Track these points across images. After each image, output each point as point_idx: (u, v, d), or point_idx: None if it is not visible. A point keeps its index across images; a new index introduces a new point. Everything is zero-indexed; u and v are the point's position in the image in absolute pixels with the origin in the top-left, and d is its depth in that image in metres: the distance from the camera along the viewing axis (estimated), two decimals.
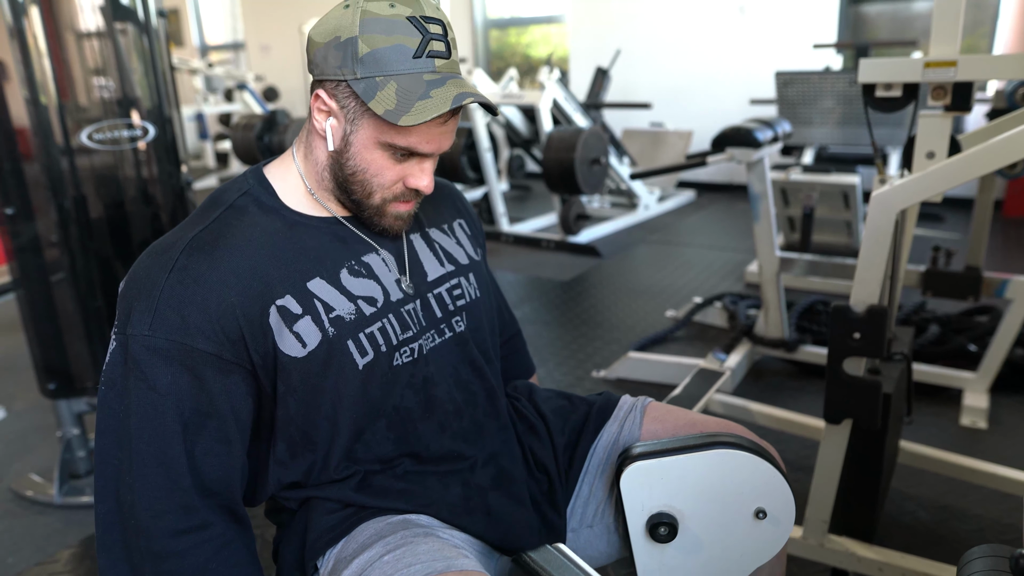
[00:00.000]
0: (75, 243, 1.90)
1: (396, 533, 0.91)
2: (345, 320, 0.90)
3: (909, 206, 1.32)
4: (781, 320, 2.61)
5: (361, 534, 0.93)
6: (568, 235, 4.55)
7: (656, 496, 0.95)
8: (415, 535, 0.90)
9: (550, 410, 1.14)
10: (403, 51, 0.84)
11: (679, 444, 0.98)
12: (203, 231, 0.88)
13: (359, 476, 0.95)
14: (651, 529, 0.96)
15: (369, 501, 0.95)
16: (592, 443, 1.12)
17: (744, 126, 2.35)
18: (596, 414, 1.14)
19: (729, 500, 0.95)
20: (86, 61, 1.84)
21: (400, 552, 0.87)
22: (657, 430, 1.09)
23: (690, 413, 1.11)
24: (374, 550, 0.88)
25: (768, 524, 0.95)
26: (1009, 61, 1.37)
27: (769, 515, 0.95)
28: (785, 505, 0.95)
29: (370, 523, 0.94)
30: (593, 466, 1.10)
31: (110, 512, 0.84)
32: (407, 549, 0.87)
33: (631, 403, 1.15)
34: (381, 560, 0.86)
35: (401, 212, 0.94)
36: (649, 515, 0.96)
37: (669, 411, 1.13)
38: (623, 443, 1.09)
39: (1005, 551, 0.76)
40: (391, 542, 0.89)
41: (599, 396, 1.18)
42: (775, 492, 0.95)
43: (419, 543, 0.88)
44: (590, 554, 1.09)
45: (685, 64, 6.21)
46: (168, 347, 0.82)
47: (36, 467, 2.22)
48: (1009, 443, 2.15)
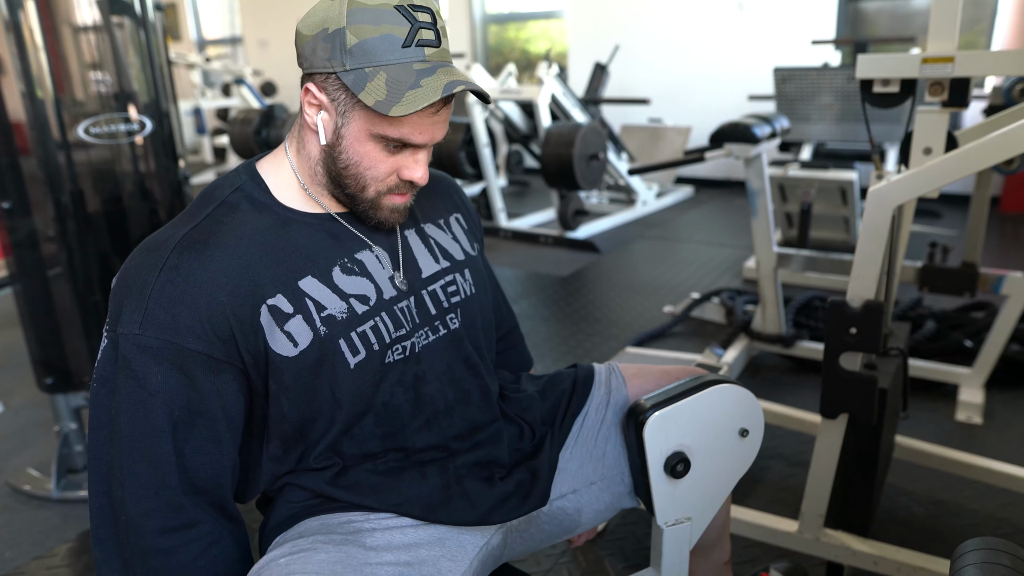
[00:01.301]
0: (72, 238, 1.90)
1: (315, 535, 0.90)
2: (337, 319, 0.89)
3: (906, 202, 1.33)
4: (778, 316, 2.61)
5: (298, 528, 0.93)
6: (566, 231, 4.56)
7: (672, 438, 1.06)
8: (328, 541, 0.89)
9: (537, 387, 1.17)
10: (392, 40, 0.83)
11: (680, 390, 1.08)
12: (194, 229, 0.87)
13: (337, 468, 0.95)
14: (670, 468, 1.06)
15: (339, 495, 0.94)
16: (582, 408, 1.15)
17: (742, 122, 2.35)
18: (582, 382, 1.18)
19: (723, 427, 1.10)
20: (83, 55, 1.84)
21: (297, 556, 0.85)
22: (642, 384, 1.17)
23: (658, 366, 1.22)
24: (282, 548, 0.88)
25: (748, 440, 1.12)
26: (1006, 57, 1.38)
27: (750, 432, 1.11)
28: (758, 419, 1.12)
29: (315, 519, 0.94)
30: (587, 428, 1.14)
31: (102, 507, 0.84)
32: (306, 555, 0.85)
33: (607, 368, 1.21)
34: (277, 562, 0.85)
35: (396, 204, 0.93)
36: (666, 456, 1.06)
37: (641, 368, 1.21)
38: (615, 403, 1.15)
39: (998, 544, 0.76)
40: (299, 545, 0.88)
41: (574, 368, 1.22)
42: (752, 411, 1.11)
43: (321, 551, 0.86)
44: (597, 508, 1.13)
45: (684, 60, 6.21)
46: (158, 346, 0.82)
47: (34, 462, 2.22)
48: (1004, 438, 2.16)
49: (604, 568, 1.68)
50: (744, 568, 1.66)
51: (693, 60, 6.16)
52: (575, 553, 1.72)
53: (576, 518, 1.12)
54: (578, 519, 1.12)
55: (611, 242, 4.58)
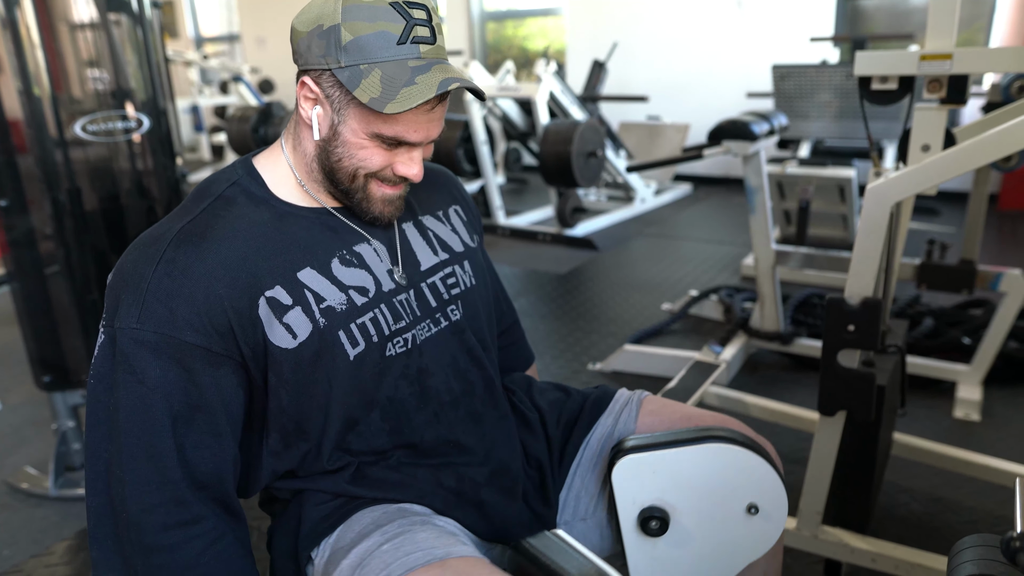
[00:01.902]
0: (70, 236, 1.90)
1: (394, 521, 0.91)
2: (336, 310, 0.89)
3: (904, 199, 1.33)
4: (777, 313, 2.61)
5: (357, 523, 0.92)
6: (565, 228, 4.55)
7: (648, 489, 0.95)
8: (412, 523, 0.90)
9: (546, 403, 1.14)
10: (386, 37, 0.83)
11: (672, 437, 0.97)
12: (191, 222, 0.87)
13: (353, 467, 0.95)
14: (642, 523, 0.95)
15: (364, 492, 0.94)
16: (585, 436, 1.12)
17: (741, 119, 2.35)
18: (591, 407, 1.14)
19: (721, 495, 0.95)
20: (80, 53, 1.83)
21: (399, 540, 0.87)
22: (652, 423, 1.09)
23: (686, 407, 1.11)
24: (372, 539, 0.88)
25: (760, 520, 0.94)
26: (1004, 54, 1.38)
27: (761, 510, 0.94)
28: (777, 501, 0.94)
29: (366, 511, 0.94)
30: (587, 459, 1.10)
31: (101, 505, 0.84)
32: (406, 537, 0.87)
33: (627, 396, 1.15)
34: (380, 549, 0.86)
35: (388, 195, 0.93)
36: (641, 508, 0.96)
37: (665, 404, 1.12)
38: (618, 436, 1.09)
39: (996, 541, 0.76)
40: (389, 531, 0.89)
41: (596, 389, 1.18)
42: (767, 487, 0.94)
43: (417, 531, 0.88)
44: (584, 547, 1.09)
45: (682, 57, 6.20)
46: (156, 340, 0.81)
47: (31, 460, 2.22)
48: (1002, 435, 2.16)
49: None
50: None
51: (691, 57, 6.16)
52: None
53: None
54: None
55: (609, 240, 4.58)
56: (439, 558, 0.83)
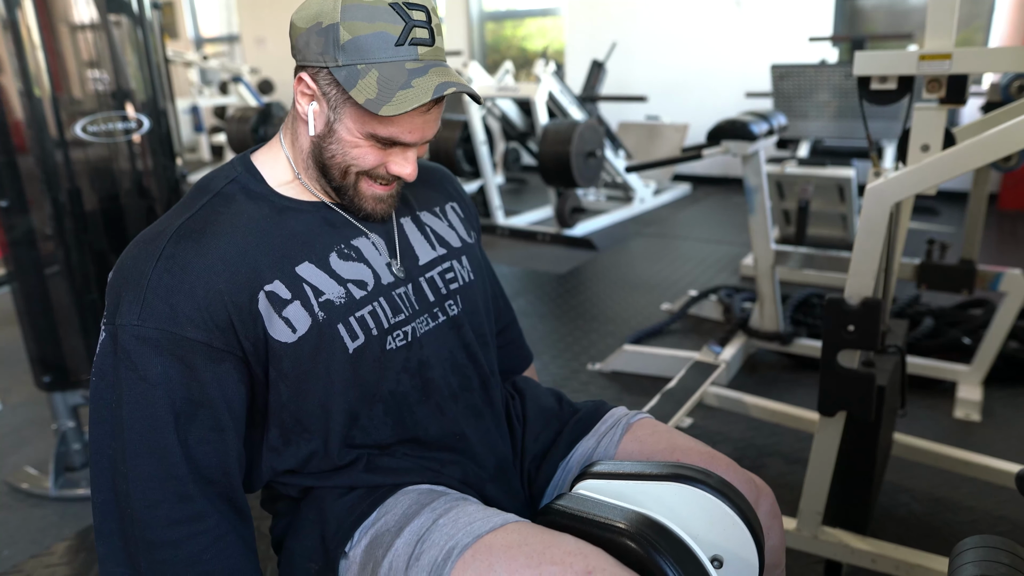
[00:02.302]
0: (70, 236, 1.90)
1: (437, 499, 0.92)
2: (335, 304, 0.90)
3: (904, 199, 1.33)
4: (776, 313, 2.62)
5: (397, 504, 0.92)
6: (564, 228, 4.56)
7: None
8: (455, 500, 0.92)
9: (535, 413, 1.13)
10: (385, 38, 0.83)
11: (639, 470, 0.91)
12: (190, 219, 0.87)
13: (364, 460, 0.95)
14: None
15: (382, 479, 0.95)
16: (566, 455, 1.09)
17: (740, 119, 2.35)
18: (574, 426, 1.11)
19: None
20: (80, 53, 1.83)
21: (454, 514, 0.88)
22: (633, 450, 1.04)
23: (677, 437, 1.05)
24: (423, 516, 0.89)
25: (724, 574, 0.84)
26: (1004, 54, 1.38)
27: (726, 564, 0.84)
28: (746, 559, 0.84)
29: (400, 494, 0.94)
30: (565, 480, 1.08)
31: (106, 502, 0.84)
32: (459, 510, 0.88)
33: (617, 418, 1.11)
34: (436, 524, 0.87)
35: (379, 193, 0.93)
36: None
37: (655, 432, 1.07)
38: (596, 459, 1.06)
39: (997, 542, 0.76)
40: (438, 507, 0.90)
41: (590, 404, 1.15)
42: (736, 542, 0.84)
43: (465, 505, 0.90)
44: None
45: (681, 57, 6.20)
46: (158, 336, 0.82)
47: (31, 460, 2.22)
48: (1002, 436, 2.17)
49: None
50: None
51: (690, 57, 6.16)
52: None
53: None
54: None
55: (609, 239, 4.58)
56: (499, 524, 0.85)
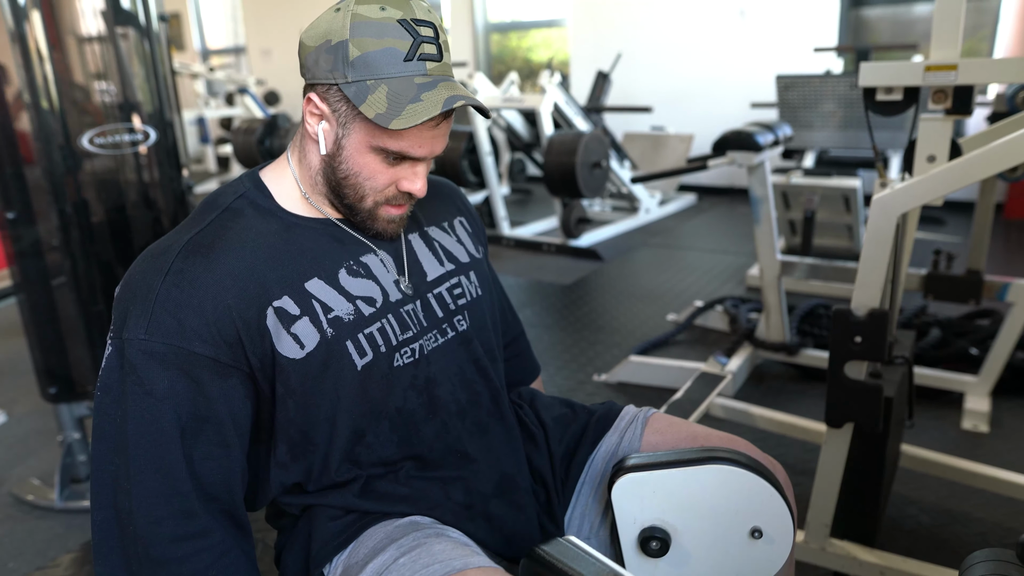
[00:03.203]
0: (76, 247, 1.90)
1: (408, 535, 0.90)
2: (344, 321, 0.90)
3: (910, 210, 1.32)
4: (782, 324, 2.61)
5: (370, 538, 0.92)
6: (569, 239, 4.56)
7: (648, 509, 0.94)
8: (427, 536, 0.90)
9: (551, 418, 1.14)
10: (394, 54, 0.84)
11: (674, 457, 0.96)
12: (198, 234, 0.87)
13: (361, 481, 0.95)
14: (642, 543, 0.94)
15: (373, 506, 0.94)
16: (590, 454, 1.11)
17: (745, 130, 2.35)
18: (596, 424, 1.13)
19: (723, 517, 0.93)
20: (87, 65, 1.85)
21: (415, 553, 0.86)
22: (657, 442, 1.08)
23: (694, 426, 1.10)
24: (388, 553, 0.88)
25: (764, 544, 0.92)
26: (1009, 65, 1.38)
27: (765, 535, 0.92)
28: (783, 525, 0.92)
29: (378, 527, 0.93)
30: (591, 477, 1.10)
31: (107, 519, 0.83)
32: (422, 550, 0.87)
33: (633, 414, 1.14)
34: (397, 563, 0.86)
35: (393, 216, 0.94)
36: (641, 528, 0.94)
37: (672, 423, 1.11)
38: (622, 454, 1.09)
39: (1007, 555, 0.76)
40: (404, 544, 0.89)
41: (602, 405, 1.17)
42: (772, 511, 0.92)
43: (432, 543, 0.88)
44: None
45: (686, 68, 6.22)
46: (165, 351, 0.81)
47: (37, 471, 2.22)
48: (1011, 447, 2.15)
49: None
50: None
51: (695, 68, 6.17)
52: None
53: None
54: None
55: (614, 250, 4.58)
56: (457, 569, 0.83)
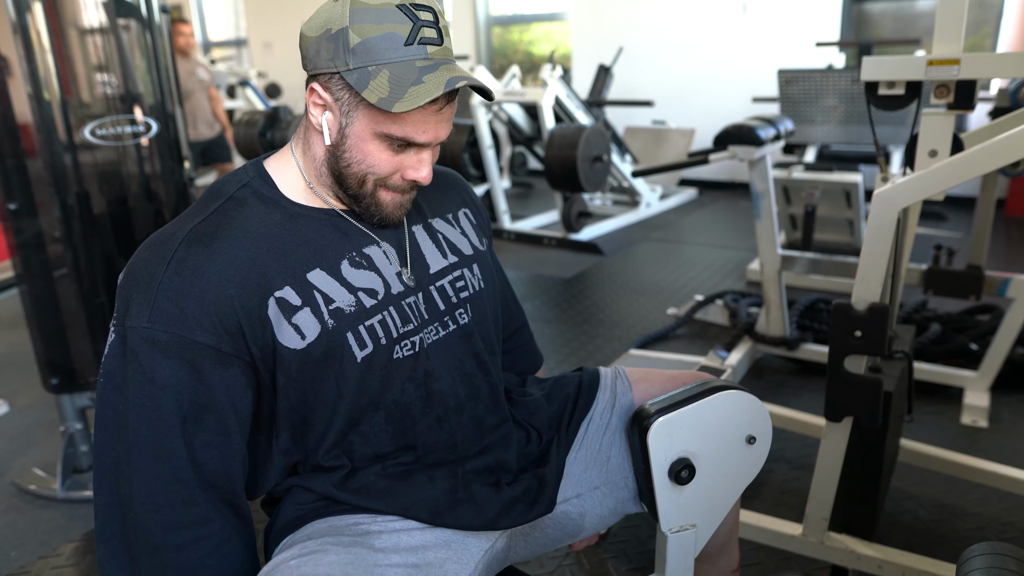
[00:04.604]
0: (78, 239, 1.91)
1: (324, 538, 0.90)
2: (345, 312, 0.90)
3: (911, 204, 1.32)
4: (782, 318, 2.61)
5: (305, 531, 0.93)
6: (570, 233, 4.56)
7: (676, 444, 1.05)
8: (338, 543, 0.89)
9: (543, 391, 1.17)
10: (394, 39, 0.84)
11: (686, 395, 1.07)
12: (201, 223, 0.88)
13: (345, 470, 0.95)
14: (675, 474, 1.04)
15: (347, 498, 0.94)
16: (588, 412, 1.15)
17: (746, 124, 2.34)
18: (588, 384, 1.17)
19: (729, 434, 1.08)
20: (89, 57, 1.85)
21: (306, 559, 0.85)
22: (648, 389, 1.16)
23: (664, 371, 1.19)
24: (292, 551, 0.88)
25: (755, 447, 1.10)
26: (1012, 59, 1.37)
27: (757, 439, 1.09)
28: (765, 427, 1.10)
29: (321, 521, 0.94)
30: (592, 432, 1.13)
31: (108, 505, 0.84)
32: (315, 557, 0.85)
33: (612, 371, 1.20)
34: (287, 564, 0.85)
35: (397, 200, 0.94)
36: (671, 462, 1.04)
37: (647, 373, 1.19)
38: (619, 407, 1.14)
39: (1005, 549, 0.76)
40: (308, 547, 0.88)
41: (582, 371, 1.21)
42: (759, 419, 1.09)
43: (330, 553, 0.86)
44: (600, 513, 1.12)
45: (688, 62, 6.20)
46: (167, 339, 0.82)
47: (39, 462, 2.23)
48: (1010, 442, 2.15)
49: (608, 571, 1.68)
50: (749, 571, 1.66)
51: (697, 62, 6.16)
52: (578, 556, 1.72)
53: (579, 523, 1.12)
54: (581, 524, 1.12)
55: (615, 244, 4.58)
56: None
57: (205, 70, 5.28)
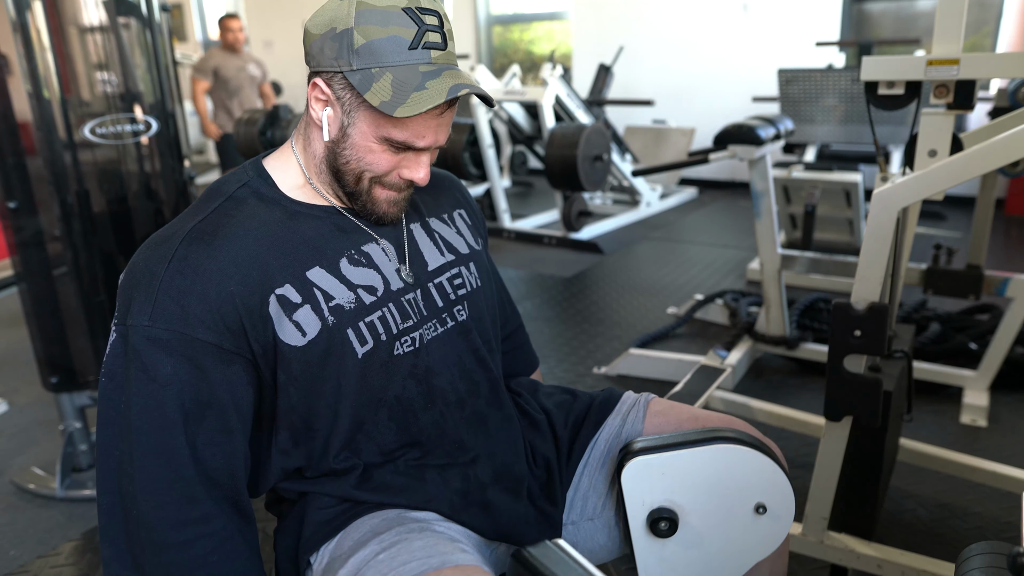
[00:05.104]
0: (78, 237, 1.91)
1: (391, 529, 0.91)
2: (345, 309, 0.90)
3: (911, 204, 1.32)
4: (782, 317, 2.61)
5: (356, 530, 0.92)
6: (570, 232, 4.55)
7: (657, 491, 0.96)
8: (410, 531, 0.90)
9: (553, 404, 1.15)
10: (398, 42, 0.84)
11: (680, 439, 0.98)
12: (202, 221, 0.88)
13: (359, 470, 0.95)
14: (652, 524, 0.96)
15: (368, 497, 0.94)
16: (593, 436, 1.12)
17: (747, 123, 2.34)
18: (598, 408, 1.14)
19: (729, 495, 0.96)
20: (89, 56, 1.84)
21: (395, 550, 0.86)
22: (660, 424, 1.10)
23: (693, 408, 1.12)
24: (369, 548, 0.88)
25: (768, 519, 0.95)
26: (1011, 59, 1.37)
27: (769, 510, 0.95)
28: (785, 500, 0.95)
29: (365, 519, 0.94)
30: (594, 459, 1.11)
31: (112, 504, 0.84)
32: (402, 546, 0.87)
33: (634, 399, 1.16)
34: (376, 559, 0.86)
35: (393, 198, 0.94)
36: (650, 510, 0.96)
37: (672, 406, 1.13)
38: (625, 437, 1.10)
39: (1004, 548, 0.76)
40: (385, 539, 0.89)
41: (602, 392, 1.18)
42: (775, 487, 0.95)
43: (414, 539, 0.88)
44: (591, 548, 1.09)
45: (688, 61, 6.20)
46: (168, 337, 0.82)
47: (38, 460, 2.23)
48: (1009, 441, 2.16)
49: (608, 571, 1.68)
50: None
51: (697, 61, 6.16)
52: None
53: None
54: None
55: (615, 243, 4.58)
56: (434, 567, 0.83)
57: (256, 65, 5.18)
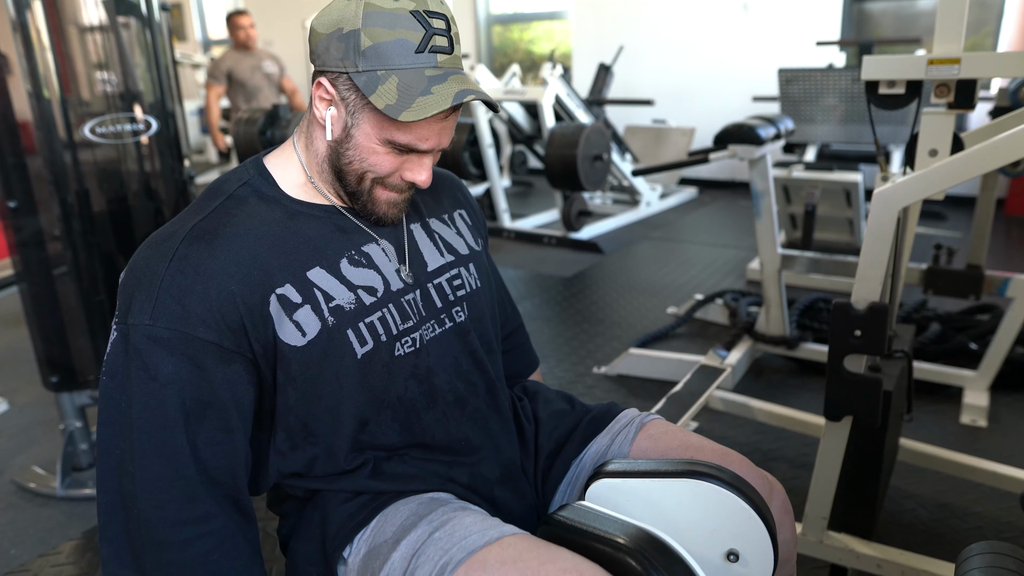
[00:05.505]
0: (78, 237, 1.91)
1: (435, 511, 0.91)
2: (345, 309, 0.90)
3: (911, 204, 1.32)
4: (782, 317, 2.61)
5: (396, 514, 0.92)
6: (570, 231, 4.55)
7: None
8: (454, 510, 0.91)
9: (547, 413, 1.14)
10: (405, 45, 0.84)
11: (654, 467, 0.92)
12: (203, 221, 0.88)
13: (370, 464, 0.95)
14: None
15: (385, 486, 0.95)
16: (579, 454, 1.10)
17: (747, 123, 2.34)
18: (588, 424, 1.12)
19: (698, 535, 0.88)
20: (89, 55, 1.84)
21: (450, 527, 0.87)
22: (648, 448, 1.05)
23: (690, 435, 1.06)
24: (420, 529, 0.88)
25: (739, 567, 0.87)
26: (1012, 59, 1.37)
27: (742, 558, 0.87)
28: (761, 550, 0.87)
29: (400, 503, 0.94)
30: (578, 477, 1.08)
31: (112, 503, 0.84)
32: (455, 523, 0.88)
33: (630, 418, 1.12)
34: (432, 537, 0.86)
35: (393, 198, 0.94)
36: None
37: (667, 431, 1.08)
38: (611, 457, 1.06)
39: (1003, 548, 0.76)
40: (434, 519, 0.89)
41: (601, 406, 1.16)
42: (750, 535, 0.86)
43: (462, 516, 0.89)
44: None
45: (688, 61, 6.20)
46: (169, 336, 0.82)
47: (39, 460, 2.23)
48: (1009, 441, 2.15)
49: None
50: None
51: (697, 61, 6.15)
52: None
53: None
54: None
55: (615, 243, 4.58)
56: (494, 538, 0.84)
57: (273, 62, 4.87)
